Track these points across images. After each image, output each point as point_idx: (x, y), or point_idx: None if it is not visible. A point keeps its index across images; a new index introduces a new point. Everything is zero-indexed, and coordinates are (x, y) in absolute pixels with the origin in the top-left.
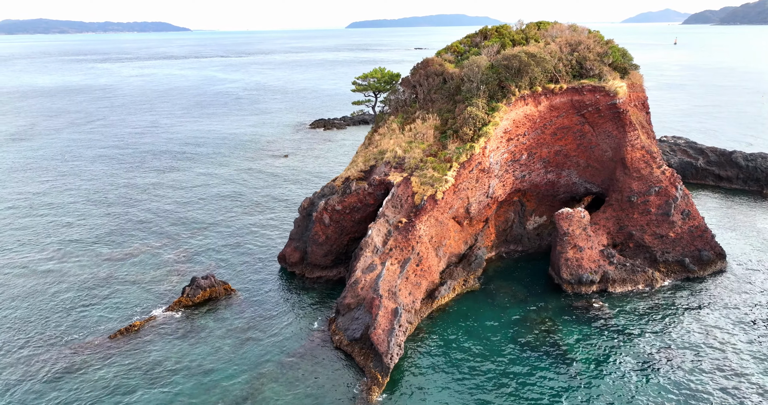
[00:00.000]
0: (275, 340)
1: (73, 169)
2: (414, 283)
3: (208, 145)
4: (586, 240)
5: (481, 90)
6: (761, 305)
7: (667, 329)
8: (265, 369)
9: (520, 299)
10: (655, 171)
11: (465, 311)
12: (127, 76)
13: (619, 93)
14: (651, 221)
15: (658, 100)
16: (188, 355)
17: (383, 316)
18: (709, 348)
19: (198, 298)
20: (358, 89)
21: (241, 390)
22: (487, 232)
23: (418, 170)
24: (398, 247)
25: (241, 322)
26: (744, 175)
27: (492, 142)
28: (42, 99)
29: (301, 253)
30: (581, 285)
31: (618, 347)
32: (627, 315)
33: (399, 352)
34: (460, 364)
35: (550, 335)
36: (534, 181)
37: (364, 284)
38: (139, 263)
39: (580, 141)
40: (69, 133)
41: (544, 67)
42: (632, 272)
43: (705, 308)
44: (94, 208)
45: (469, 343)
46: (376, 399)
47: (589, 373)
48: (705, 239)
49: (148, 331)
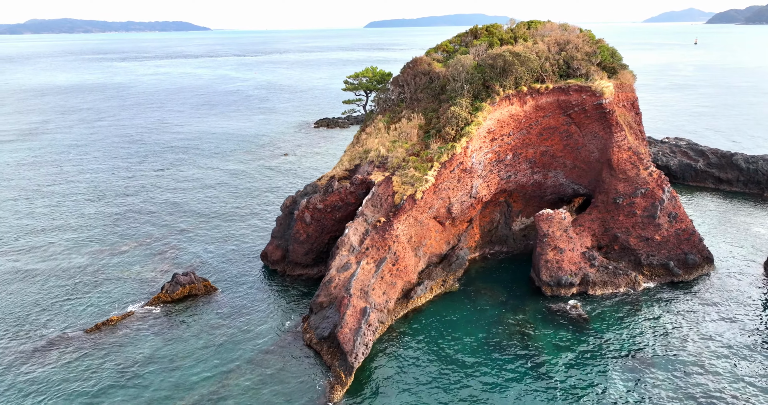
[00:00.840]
0: (249, 337)
1: (77, 165)
2: (389, 283)
3: (211, 143)
4: (568, 242)
5: (465, 89)
6: (741, 312)
7: (643, 333)
8: (236, 365)
9: (499, 301)
10: (641, 172)
11: (441, 312)
12: (141, 74)
13: (605, 93)
14: (636, 223)
15: (667, 101)
16: (161, 350)
17: (351, 315)
18: (684, 353)
19: (177, 294)
20: (348, 88)
21: (209, 385)
22: (471, 232)
23: (400, 169)
24: (375, 246)
25: (217, 318)
26: (745, 178)
27: (474, 141)
28: (57, 97)
29: (282, 251)
30: (560, 287)
31: (591, 351)
32: (604, 318)
33: (365, 351)
34: (429, 366)
35: (523, 338)
36: (520, 181)
37: (338, 283)
38: (127, 259)
39: (567, 141)
40: (79, 129)
41: (529, 67)
42: (614, 275)
43: (684, 313)
44: (92, 203)
45: (442, 344)
46: (339, 397)
47: (558, 376)
48: (692, 242)
49: (124, 325)
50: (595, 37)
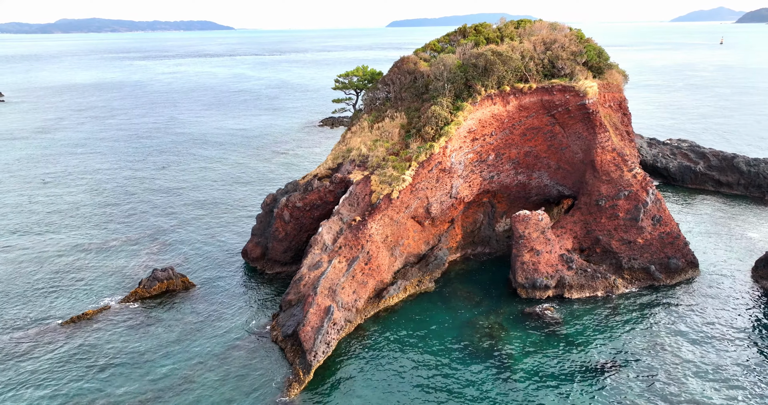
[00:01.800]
0: (219, 333)
1: (82, 161)
2: (360, 282)
3: (215, 141)
4: (545, 244)
5: (446, 89)
6: (719, 319)
7: (615, 339)
8: (203, 360)
9: (474, 302)
10: (625, 174)
11: (414, 312)
12: (159, 73)
13: (588, 93)
14: (619, 226)
15: (680, 101)
16: (131, 344)
17: (314, 313)
18: (654, 359)
19: (154, 289)
20: (337, 87)
21: (173, 380)
22: (453, 233)
23: (379, 169)
24: (348, 245)
25: (191, 314)
26: (745, 181)
27: (454, 141)
28: (75, 94)
29: (262, 248)
30: (535, 289)
31: (559, 356)
32: (577, 322)
33: (326, 350)
34: (394, 366)
35: (493, 341)
36: (504, 182)
37: (307, 281)
38: (114, 253)
39: (551, 142)
40: (90, 126)
41: (511, 66)
42: (592, 278)
43: (661, 319)
44: (89, 199)
45: (409, 344)
46: (295, 394)
47: (522, 380)
48: (676, 246)
49: (99, 319)
50: (584, 36)
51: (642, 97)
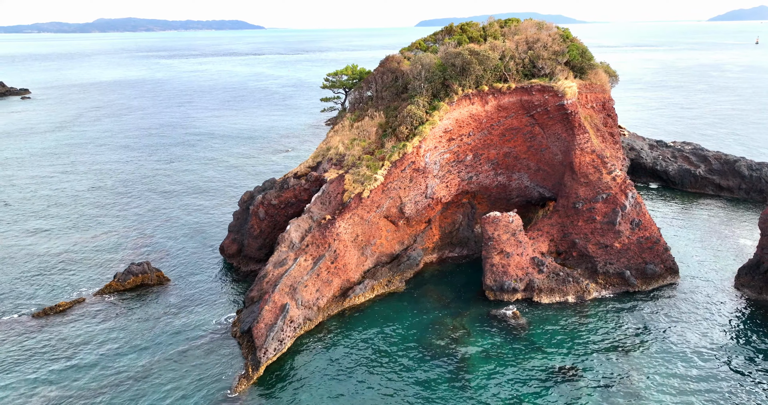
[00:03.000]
0: (185, 327)
1: (91, 156)
2: (325, 280)
3: (222, 138)
4: (516, 246)
5: (424, 88)
6: (690, 328)
7: (580, 344)
8: (165, 354)
9: (443, 304)
10: (604, 177)
11: (381, 312)
12: (181, 71)
13: (567, 93)
14: (596, 230)
15: (697, 103)
16: (98, 336)
17: (269, 310)
18: (615, 367)
19: (129, 283)
20: (325, 86)
21: (132, 372)
22: (430, 233)
23: (354, 168)
24: (315, 243)
25: (161, 308)
26: (747, 186)
27: (428, 141)
28: (98, 92)
29: (238, 245)
30: (503, 292)
31: (518, 360)
32: (543, 327)
33: (279, 347)
34: (349, 365)
35: (454, 343)
36: (483, 183)
37: (270, 278)
38: (100, 246)
39: (531, 143)
40: (106, 123)
41: (488, 66)
42: (563, 282)
43: (629, 326)
44: (90, 193)
45: (369, 344)
46: (242, 390)
47: (478, 383)
48: (655, 252)
49: (72, 311)
50: (570, 36)
51: (656, 97)
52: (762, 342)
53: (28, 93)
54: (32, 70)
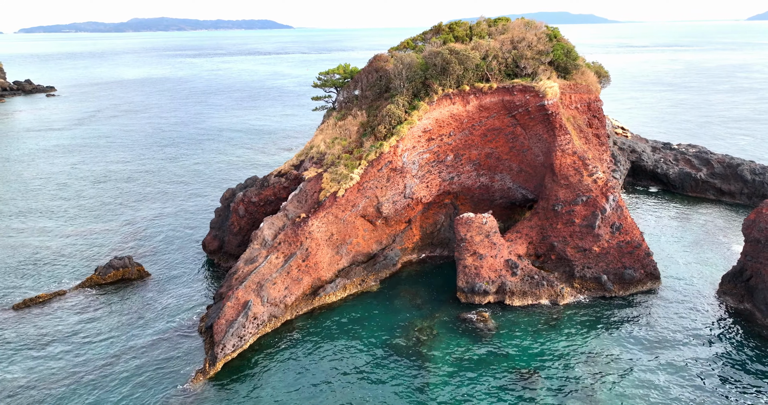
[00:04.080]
0: (157, 321)
1: (101, 152)
2: (295, 278)
3: (229, 135)
4: (490, 248)
5: (404, 87)
6: (664, 336)
7: (545, 349)
8: (133, 347)
9: (415, 305)
10: (585, 179)
11: (351, 311)
12: (204, 70)
13: (548, 94)
14: (574, 233)
15: (714, 104)
16: (72, 327)
17: (231, 307)
18: (579, 373)
19: (109, 277)
20: (316, 85)
21: (98, 363)
22: (410, 233)
23: (332, 167)
24: (287, 241)
25: (137, 303)
26: (749, 190)
27: (406, 141)
28: (119, 90)
29: (219, 241)
30: (474, 294)
31: (483, 362)
32: (511, 330)
33: (238, 343)
34: (311, 363)
35: (420, 344)
36: (465, 183)
37: (240, 275)
38: (91, 241)
39: (513, 144)
40: (121, 119)
41: (468, 65)
42: (536, 286)
43: (600, 332)
44: (91, 186)
45: (334, 343)
46: (197, 385)
47: (439, 385)
48: (636, 256)
49: (51, 303)
50: (559, 35)
51: (673, 98)
52: (735, 353)
53: (53, 90)
54: (62, 68)
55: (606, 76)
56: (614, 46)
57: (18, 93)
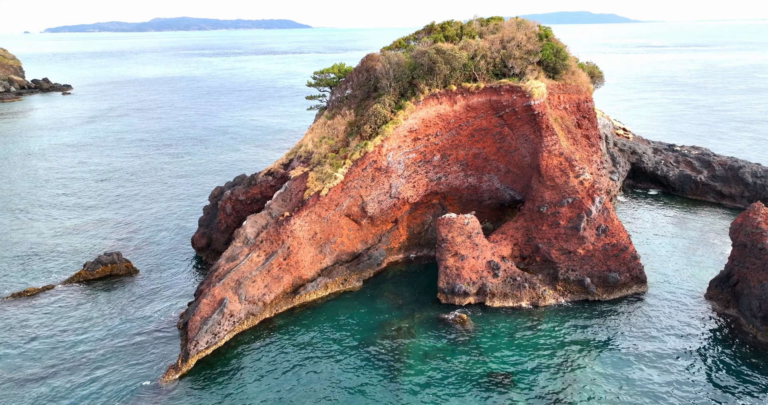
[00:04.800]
0: (139, 317)
1: (109, 148)
2: (275, 277)
3: (234, 133)
4: (472, 249)
5: (392, 87)
6: (644, 340)
7: (521, 352)
8: (111, 342)
9: (396, 305)
10: (571, 180)
11: (331, 311)
12: (219, 69)
13: (534, 94)
14: (559, 235)
15: (725, 105)
16: (56, 322)
17: (207, 304)
18: (552, 377)
19: (97, 272)
20: (310, 84)
21: (76, 358)
22: (396, 233)
23: (318, 166)
24: (269, 239)
25: (123, 298)
26: (750, 194)
27: (392, 140)
28: (134, 88)
29: (207, 239)
30: (454, 295)
31: (457, 364)
32: (489, 332)
33: (212, 340)
34: (286, 362)
35: (396, 345)
36: (453, 184)
37: (220, 272)
38: (84, 236)
39: (500, 144)
40: (132, 117)
41: (454, 65)
42: (518, 288)
43: (578, 336)
44: (93, 183)
45: (311, 342)
46: (168, 381)
47: (410, 387)
48: (621, 260)
49: (39, 297)
50: (551, 34)
51: (684, 99)
52: (717, 360)
53: (70, 89)
54: (82, 67)
55: (599, 77)
56: (632, 46)
57: (36, 91)
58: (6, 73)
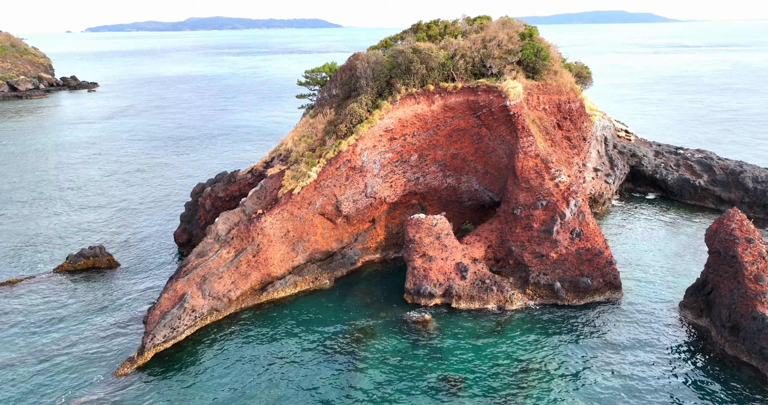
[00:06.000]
0: (111, 309)
1: (120, 144)
2: (243, 273)
3: (244, 132)
4: (441, 250)
5: (369, 86)
6: (598, 350)
7: (480, 356)
8: (80, 334)
9: (364, 304)
10: (546, 183)
11: (298, 309)
12: (243, 67)
13: (510, 94)
14: (532, 238)
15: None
16: (30, 310)
17: (168, 298)
18: (503, 382)
19: (79, 265)
20: (300, 83)
21: (46, 345)
22: (373, 233)
23: (295, 164)
24: (239, 236)
25: (100, 291)
26: (750, 199)
27: (366, 140)
28: (156, 86)
29: (188, 235)
30: (420, 296)
31: (414, 365)
32: (450, 335)
33: (170, 334)
34: (244, 359)
35: (356, 344)
36: (431, 184)
37: (188, 268)
38: (79, 229)
39: (478, 145)
40: (149, 114)
41: (430, 65)
42: (485, 290)
43: (540, 341)
44: (99, 179)
45: (273, 339)
46: (122, 373)
47: (362, 387)
48: (595, 264)
49: (21, 287)
50: (537, 33)
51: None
52: (680, 371)
53: (96, 86)
54: (112, 65)
55: (588, 77)
56: (663, 46)
57: (63, 88)
58: (36, 71)
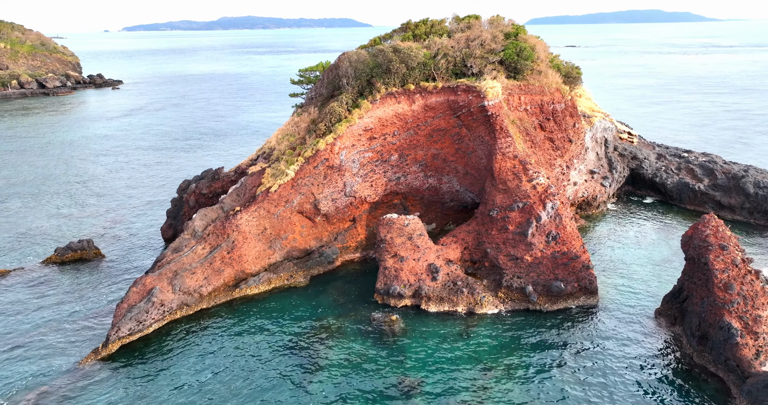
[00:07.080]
0: (91, 301)
1: (132, 140)
2: (216, 270)
3: (252, 129)
4: (413, 250)
5: (350, 86)
6: (565, 357)
7: (441, 359)
8: (56, 323)
9: (337, 303)
10: (523, 184)
11: (270, 306)
12: (265, 66)
13: (488, 94)
14: (507, 240)
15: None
16: (15, 301)
17: (136, 292)
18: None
19: (67, 257)
20: (294, 81)
21: (22, 334)
22: (354, 232)
23: (276, 162)
24: (215, 233)
25: (83, 283)
26: (750, 205)
27: (345, 139)
28: (178, 84)
29: (173, 230)
30: (389, 297)
31: (372, 367)
32: (415, 336)
33: (136, 328)
34: (208, 355)
35: (322, 344)
36: (412, 184)
37: (163, 262)
38: (75, 222)
39: (458, 145)
40: (166, 111)
41: (409, 64)
42: (455, 293)
43: (504, 344)
44: (103, 175)
45: (242, 335)
46: (85, 364)
47: (321, 388)
48: (571, 269)
49: (10, 278)
50: (524, 33)
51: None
52: (646, 380)
53: (120, 84)
54: (141, 64)
55: (577, 78)
56: (696, 46)
57: (89, 86)
58: (64, 69)
